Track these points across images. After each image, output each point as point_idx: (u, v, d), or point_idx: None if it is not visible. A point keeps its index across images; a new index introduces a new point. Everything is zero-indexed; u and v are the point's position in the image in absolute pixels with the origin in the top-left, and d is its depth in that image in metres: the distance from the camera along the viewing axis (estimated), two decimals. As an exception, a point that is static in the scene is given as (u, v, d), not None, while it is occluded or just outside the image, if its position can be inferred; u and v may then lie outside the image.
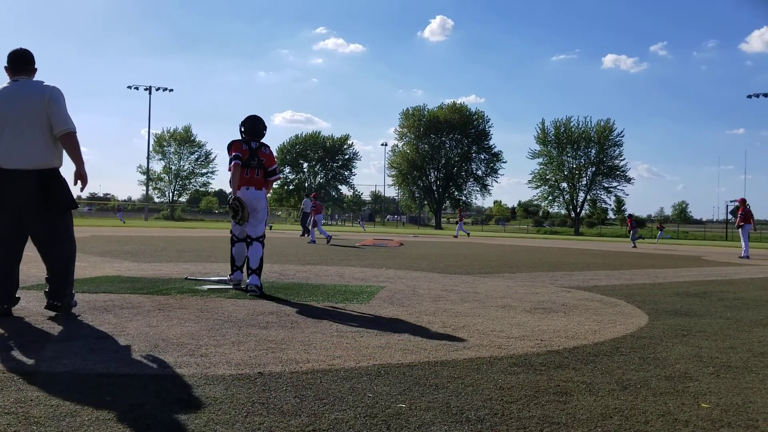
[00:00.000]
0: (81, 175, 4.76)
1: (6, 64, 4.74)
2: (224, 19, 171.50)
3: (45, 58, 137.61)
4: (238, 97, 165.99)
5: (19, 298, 4.80)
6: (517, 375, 3.37)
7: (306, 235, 25.20)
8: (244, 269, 6.72)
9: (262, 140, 6.84)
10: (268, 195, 6.97)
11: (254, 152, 6.63)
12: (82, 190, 4.93)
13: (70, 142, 4.66)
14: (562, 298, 6.90)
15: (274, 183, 7.24)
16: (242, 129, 6.77)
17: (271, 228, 35.31)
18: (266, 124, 6.88)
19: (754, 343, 4.60)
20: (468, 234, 36.09)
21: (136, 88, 64.73)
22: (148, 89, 63.88)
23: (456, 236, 33.26)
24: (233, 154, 6.53)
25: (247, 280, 6.42)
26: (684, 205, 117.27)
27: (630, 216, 30.95)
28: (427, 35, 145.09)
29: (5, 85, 4.68)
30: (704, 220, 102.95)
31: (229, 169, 6.55)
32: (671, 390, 3.18)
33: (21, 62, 4.75)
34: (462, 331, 4.65)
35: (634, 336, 4.70)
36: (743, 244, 18.86)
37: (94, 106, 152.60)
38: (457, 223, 35.46)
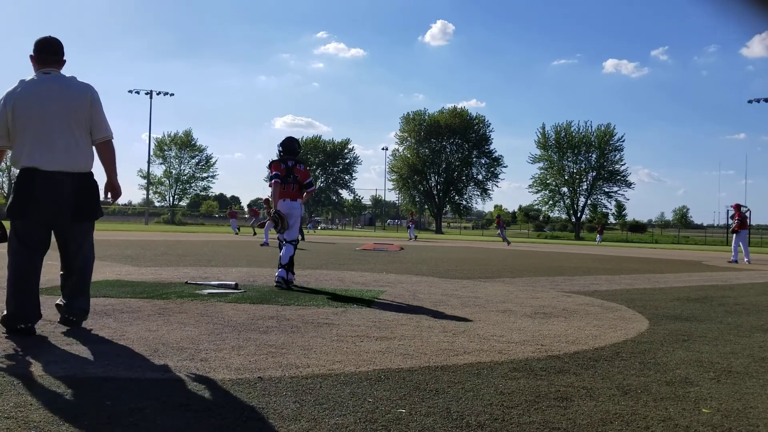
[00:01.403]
0: (114, 186, 4.54)
1: (32, 53, 4.33)
2: (225, 23, 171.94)
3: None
4: (238, 101, 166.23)
5: (41, 315, 4.27)
6: (518, 380, 3.36)
7: (301, 239, 25.21)
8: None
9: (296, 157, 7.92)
10: (302, 204, 8.23)
11: (290, 169, 7.77)
12: (113, 202, 4.76)
13: (108, 149, 4.44)
14: (562, 302, 6.90)
15: (311, 194, 8.36)
16: (280, 149, 7.94)
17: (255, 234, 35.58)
18: (300, 144, 8.24)
19: (754, 348, 4.59)
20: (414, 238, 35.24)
21: (137, 93, 64.85)
22: (149, 93, 63.98)
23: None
24: (274, 172, 7.73)
25: (277, 272, 7.52)
26: (685, 210, 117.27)
27: (498, 216, 39.05)
28: (428, 40, 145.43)
29: (35, 76, 4.29)
30: (705, 225, 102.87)
31: (270, 186, 7.81)
32: (672, 395, 3.18)
33: (50, 52, 4.35)
34: (462, 335, 4.65)
35: (635, 341, 4.69)
36: (734, 249, 18.87)
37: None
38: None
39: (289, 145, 7.93)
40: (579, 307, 6.50)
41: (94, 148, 4.41)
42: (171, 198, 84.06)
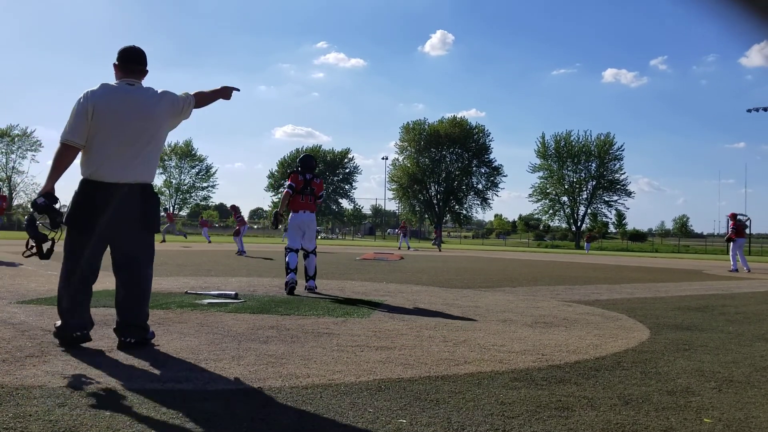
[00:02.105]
0: (226, 90, 4.84)
1: (116, 62, 4.28)
2: (225, 33, 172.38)
3: (48, 70, 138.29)
4: (238, 111, 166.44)
5: (93, 324, 4.24)
6: (519, 390, 3.35)
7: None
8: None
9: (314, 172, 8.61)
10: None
11: (308, 182, 8.34)
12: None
13: (200, 97, 4.64)
14: (563, 312, 6.88)
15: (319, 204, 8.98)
16: (299, 165, 8.55)
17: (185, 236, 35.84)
18: (317, 161, 9.29)
19: (756, 358, 4.58)
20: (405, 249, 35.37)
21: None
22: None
23: (408, 248, 33.33)
24: (289, 182, 8.34)
25: (307, 283, 8.27)
26: (685, 219, 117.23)
27: (436, 227, 42.04)
28: (428, 50, 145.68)
29: (116, 84, 4.23)
30: (705, 234, 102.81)
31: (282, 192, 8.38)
32: (673, 405, 3.17)
33: (135, 61, 4.29)
34: (463, 345, 4.64)
35: (636, 350, 4.68)
36: (732, 258, 18.85)
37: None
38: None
39: (308, 162, 8.59)
40: (580, 317, 6.49)
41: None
42: (171, 208, 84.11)
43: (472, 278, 11.97)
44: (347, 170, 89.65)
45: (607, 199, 73.13)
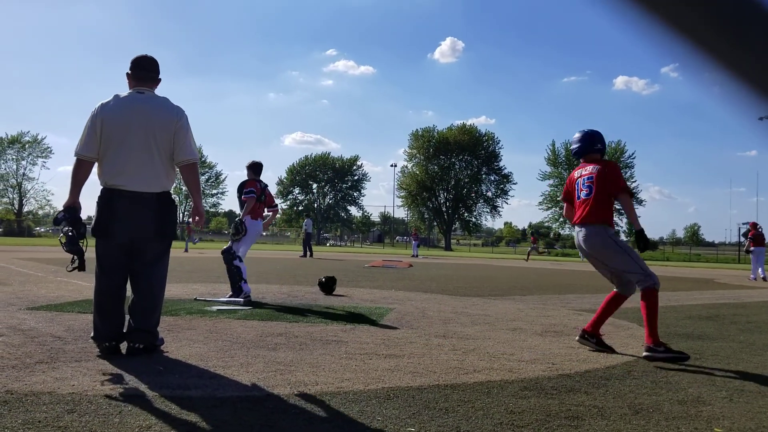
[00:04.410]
0: (199, 211, 4.59)
1: (129, 71, 4.36)
2: (235, 41, 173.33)
3: (59, 78, 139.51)
4: (248, 119, 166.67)
5: (125, 334, 4.25)
6: (528, 399, 3.33)
7: (309, 256, 25.13)
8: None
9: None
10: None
11: (263, 191, 8.21)
12: (199, 226, 4.77)
13: (193, 172, 4.42)
14: (573, 321, 6.85)
15: (276, 213, 9.04)
16: (252, 169, 8.31)
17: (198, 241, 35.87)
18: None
19: (767, 367, 4.54)
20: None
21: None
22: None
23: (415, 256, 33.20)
24: (249, 189, 8.02)
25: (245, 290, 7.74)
26: (696, 228, 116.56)
27: (415, 230, 44.30)
28: (438, 57, 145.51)
29: (128, 94, 4.30)
30: (716, 242, 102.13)
31: (244, 200, 7.96)
32: (684, 414, 3.14)
33: (146, 69, 4.36)
34: (472, 354, 4.62)
35: (646, 359, 4.65)
36: (754, 267, 18.73)
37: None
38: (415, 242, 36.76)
39: (260, 169, 8.42)
40: (589, 325, 6.44)
41: (178, 170, 4.42)
42: (181, 214, 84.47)
43: (481, 286, 11.93)
44: (356, 177, 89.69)
45: (617, 207, 72.83)
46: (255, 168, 8.35)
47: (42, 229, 67.38)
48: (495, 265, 25.44)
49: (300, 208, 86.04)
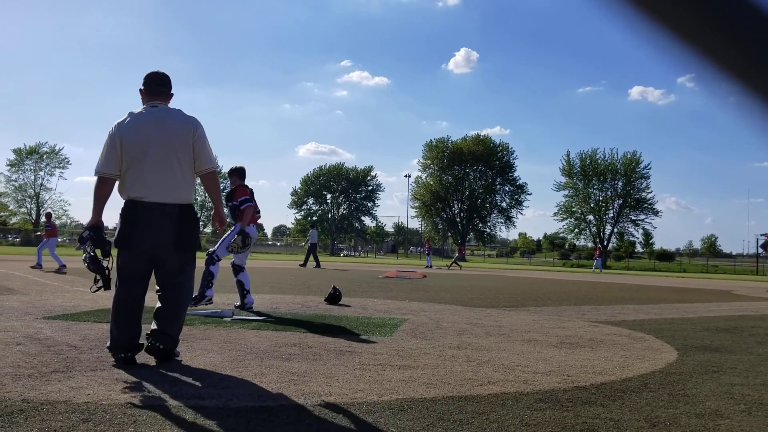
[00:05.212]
0: (221, 218, 4.70)
1: (142, 87, 4.47)
2: (250, 52, 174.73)
3: (76, 88, 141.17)
4: (262, 129, 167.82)
5: (143, 345, 4.30)
6: (544, 411, 3.31)
7: (316, 266, 25.08)
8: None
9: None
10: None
11: (253, 196, 7.98)
12: (218, 231, 4.87)
13: (213, 180, 4.55)
14: (589, 332, 6.80)
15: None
16: (239, 175, 8.18)
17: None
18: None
19: (788, 381, 4.47)
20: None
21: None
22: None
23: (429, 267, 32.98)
24: (244, 197, 7.82)
25: (248, 299, 7.90)
26: (713, 239, 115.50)
27: (428, 240, 42.85)
28: (452, 67, 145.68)
29: (142, 109, 4.41)
30: (734, 253, 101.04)
31: (243, 209, 7.72)
32: (702, 428, 3.10)
33: (158, 84, 4.48)
34: (487, 365, 4.59)
35: (663, 372, 4.60)
36: None
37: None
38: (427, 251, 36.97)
39: (245, 173, 8.27)
40: (606, 337, 6.40)
41: (198, 179, 4.53)
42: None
43: (495, 297, 11.88)
44: (370, 188, 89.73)
45: (633, 218, 72.21)
46: (241, 173, 8.19)
47: (59, 239, 68.01)
48: (509, 275, 25.32)
49: (314, 218, 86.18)
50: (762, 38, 0.60)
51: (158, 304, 4.40)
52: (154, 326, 4.33)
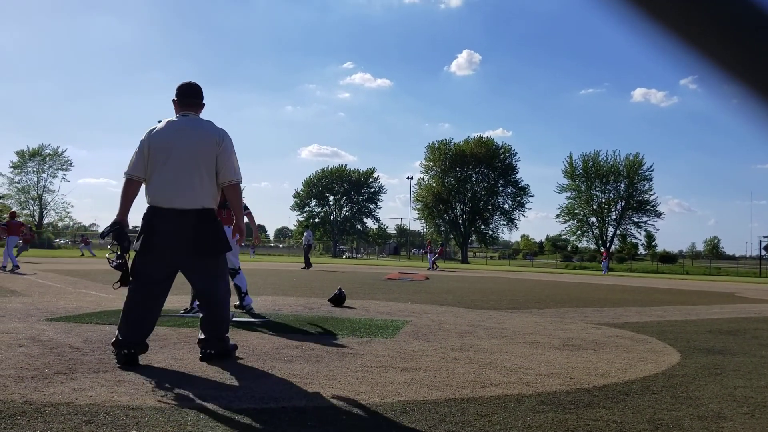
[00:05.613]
0: (242, 229, 4.79)
1: (175, 97, 4.62)
2: (253, 54, 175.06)
3: (77, 93, 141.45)
4: (265, 131, 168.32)
5: (147, 346, 4.38)
6: (546, 413, 3.30)
7: (308, 268, 25.06)
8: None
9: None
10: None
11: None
12: (239, 243, 4.98)
13: (235, 193, 4.61)
14: (591, 334, 6.79)
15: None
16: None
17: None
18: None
19: (791, 383, 4.46)
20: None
21: (167, 123, 65.94)
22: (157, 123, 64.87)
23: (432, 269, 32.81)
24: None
25: (246, 302, 7.76)
26: (716, 241, 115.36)
27: (429, 242, 40.54)
28: (454, 69, 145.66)
29: (174, 118, 4.56)
30: (737, 255, 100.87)
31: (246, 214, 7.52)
32: (704, 430, 3.09)
33: (190, 96, 4.62)
34: (489, 367, 4.59)
35: (666, 374, 4.59)
36: None
37: (123, 141, 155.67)
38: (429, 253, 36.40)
39: None
40: (608, 339, 6.39)
41: (221, 190, 4.60)
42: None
43: (498, 299, 11.87)
44: (372, 190, 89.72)
45: (636, 220, 72.16)
46: None
47: (62, 241, 68.07)
48: (512, 277, 25.29)
49: (317, 220, 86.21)
50: (763, 40, 0.60)
51: (200, 315, 4.59)
52: (201, 335, 4.52)
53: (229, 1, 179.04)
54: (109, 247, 4.53)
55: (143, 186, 4.47)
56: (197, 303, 7.24)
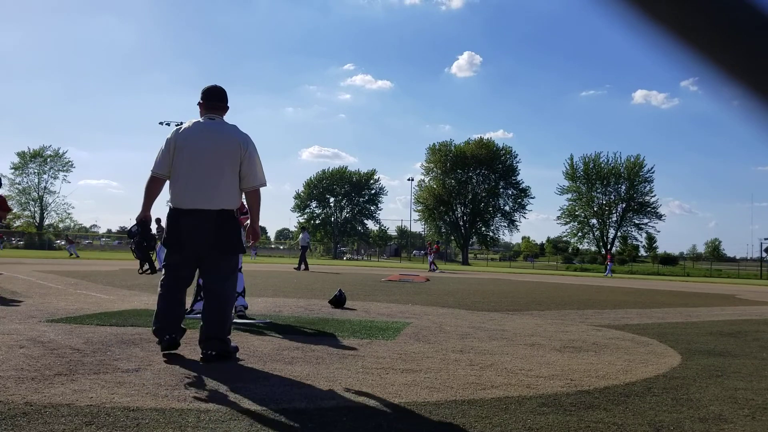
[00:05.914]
0: (256, 232, 4.89)
1: (200, 100, 4.74)
2: (253, 55, 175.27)
3: (78, 95, 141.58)
4: (265, 132, 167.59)
5: (185, 330, 4.77)
6: (547, 415, 3.30)
7: (304, 269, 25.04)
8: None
9: None
10: None
11: None
12: (251, 246, 5.11)
13: (256, 196, 4.77)
14: (592, 336, 6.78)
15: None
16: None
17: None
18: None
19: (792, 386, 4.45)
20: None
21: (168, 124, 65.72)
22: (179, 125, 64.95)
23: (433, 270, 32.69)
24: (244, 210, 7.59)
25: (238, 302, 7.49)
26: (717, 243, 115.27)
27: (429, 243, 39.93)
28: (455, 71, 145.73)
29: (199, 120, 4.68)
30: (738, 257, 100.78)
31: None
32: (706, 433, 3.09)
33: (216, 99, 4.75)
34: (490, 369, 4.59)
35: (667, 376, 4.59)
36: None
37: (126, 143, 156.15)
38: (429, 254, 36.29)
39: None
40: (609, 341, 6.39)
41: (244, 194, 4.76)
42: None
43: (499, 301, 11.86)
44: (373, 191, 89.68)
45: (637, 221, 72.23)
46: None
47: (62, 242, 68.13)
48: (512, 279, 25.28)
49: (317, 222, 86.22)
50: (764, 40, 0.60)
51: (204, 308, 4.66)
52: (202, 335, 4.54)
53: (230, 2, 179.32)
54: (133, 243, 4.89)
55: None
56: (198, 304, 7.38)
